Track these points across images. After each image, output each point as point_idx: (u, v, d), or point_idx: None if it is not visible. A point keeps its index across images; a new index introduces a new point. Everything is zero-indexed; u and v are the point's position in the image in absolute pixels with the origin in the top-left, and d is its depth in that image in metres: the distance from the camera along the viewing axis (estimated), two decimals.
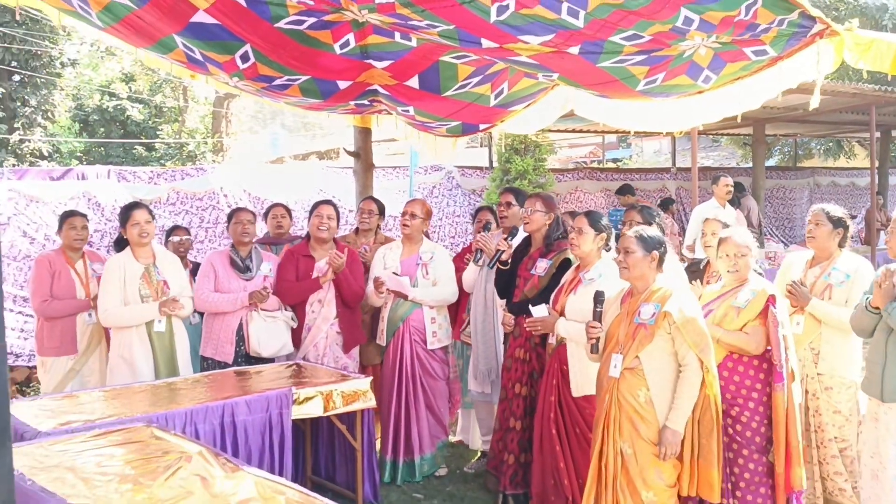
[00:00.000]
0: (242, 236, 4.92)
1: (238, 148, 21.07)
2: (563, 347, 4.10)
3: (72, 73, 19.24)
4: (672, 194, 12.23)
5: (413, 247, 5.10)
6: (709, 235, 4.42)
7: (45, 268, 4.95)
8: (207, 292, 4.74)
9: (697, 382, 3.32)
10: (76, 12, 4.35)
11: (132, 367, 4.45)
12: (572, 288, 4.10)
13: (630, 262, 3.48)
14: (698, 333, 3.33)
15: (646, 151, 28.78)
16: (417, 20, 3.85)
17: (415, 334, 4.94)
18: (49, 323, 4.95)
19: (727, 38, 3.77)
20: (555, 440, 4.09)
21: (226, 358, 4.69)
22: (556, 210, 4.65)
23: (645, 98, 4.79)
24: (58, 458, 2.59)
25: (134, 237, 4.58)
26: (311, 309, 4.87)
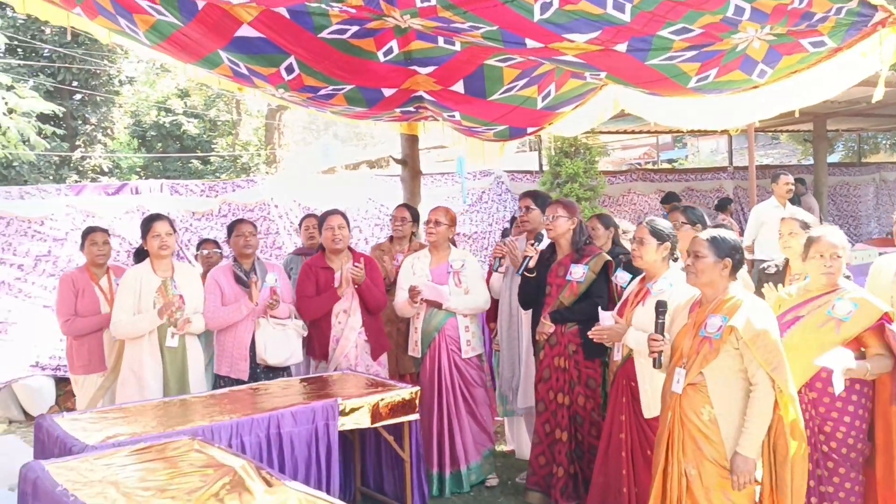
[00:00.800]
0: (245, 248, 4.81)
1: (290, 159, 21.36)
2: (630, 362, 3.88)
3: (130, 91, 19.80)
4: (729, 194, 11.92)
5: (441, 255, 5.02)
6: (786, 236, 4.12)
7: (69, 286, 4.94)
8: (214, 308, 4.65)
9: (769, 404, 3.01)
10: (125, 32, 4.42)
11: (140, 382, 4.40)
12: (640, 300, 3.88)
13: (699, 267, 3.17)
14: (770, 350, 3.00)
15: (702, 151, 28.24)
16: (460, 22, 3.80)
17: (451, 344, 4.87)
18: (77, 341, 4.95)
19: (782, 29, 3.61)
20: (622, 463, 3.87)
21: (241, 375, 4.60)
22: (578, 214, 4.55)
23: (697, 95, 4.65)
24: (102, 472, 2.59)
25: (154, 249, 4.54)
26: (338, 320, 4.81)
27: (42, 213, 7.65)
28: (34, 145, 12.20)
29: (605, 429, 4.03)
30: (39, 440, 3.38)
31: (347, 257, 4.92)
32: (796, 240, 4.02)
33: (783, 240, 4.16)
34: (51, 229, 7.68)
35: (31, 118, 12.75)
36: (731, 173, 12.71)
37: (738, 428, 3.04)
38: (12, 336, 7.14)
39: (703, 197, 11.65)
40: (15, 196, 7.83)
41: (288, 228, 8.49)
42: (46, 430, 3.33)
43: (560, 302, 4.39)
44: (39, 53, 16.96)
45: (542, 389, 4.48)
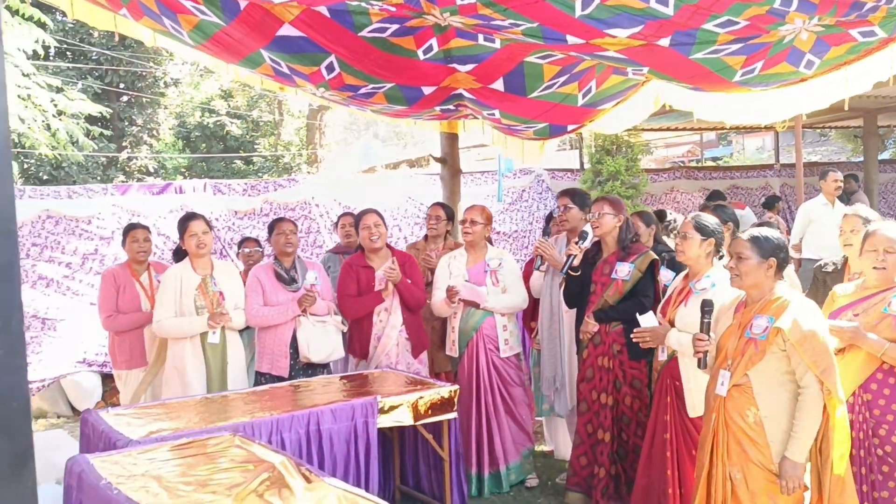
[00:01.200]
0: (286, 247, 4.85)
1: (331, 159, 21.52)
2: (674, 362, 3.80)
3: (174, 92, 20.15)
4: (776, 191, 11.67)
5: (478, 254, 4.98)
6: (847, 233, 3.98)
7: (111, 283, 5.02)
8: (258, 307, 4.68)
9: (819, 407, 2.92)
10: (169, 32, 4.49)
11: (183, 379, 4.46)
12: (682, 299, 3.79)
13: (743, 269, 3.07)
14: (818, 352, 2.90)
15: (748, 149, 27.73)
16: (500, 20, 3.77)
17: (489, 343, 4.83)
18: (118, 337, 5.03)
19: (830, 20, 3.52)
20: (667, 463, 3.80)
21: (281, 372, 4.63)
22: (624, 211, 4.46)
23: (742, 89, 4.55)
24: (145, 466, 2.63)
25: (191, 248, 4.59)
26: (379, 318, 4.81)
27: (89, 212, 7.82)
28: (82, 146, 12.47)
29: (649, 429, 3.97)
30: (85, 434, 3.45)
31: (387, 255, 4.93)
32: (858, 237, 3.84)
33: (844, 237, 4.02)
34: (97, 228, 7.85)
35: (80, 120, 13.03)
36: (778, 171, 12.45)
37: (785, 431, 2.96)
38: (60, 333, 7.30)
39: (749, 195, 11.43)
40: (63, 196, 8.02)
41: (328, 227, 8.55)
42: (92, 424, 3.40)
43: (605, 301, 4.32)
44: (87, 56, 17.34)
45: (584, 389, 4.42)
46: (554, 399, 4.95)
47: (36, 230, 7.71)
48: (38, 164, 15.55)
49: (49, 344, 7.10)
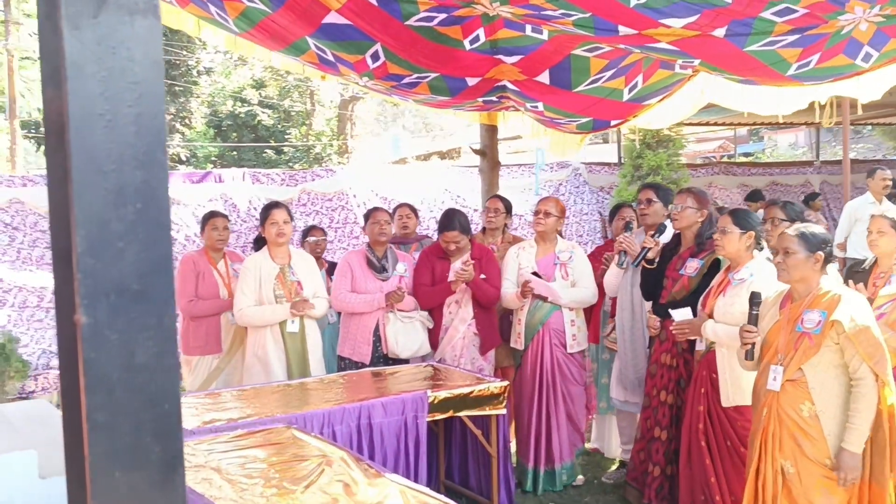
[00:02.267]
0: (380, 236, 4.88)
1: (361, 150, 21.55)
2: (712, 354, 3.81)
3: (207, 82, 20.27)
4: (816, 189, 11.47)
5: (548, 246, 4.89)
6: (874, 233, 3.97)
7: (190, 268, 5.05)
8: (345, 293, 4.73)
9: (874, 398, 2.95)
10: (214, 19, 4.48)
11: (266, 367, 4.49)
12: (721, 290, 3.80)
13: (791, 263, 3.11)
14: (872, 344, 2.94)
15: (780, 145, 27.37)
16: (552, 10, 3.71)
17: (554, 338, 4.74)
18: (194, 322, 5.04)
19: (892, 10, 3.41)
20: (704, 453, 3.81)
21: (363, 358, 4.67)
22: (709, 206, 4.35)
23: (795, 84, 4.46)
24: (204, 457, 2.61)
25: (272, 237, 4.61)
26: (449, 310, 4.78)
27: None
28: None
29: (686, 421, 3.97)
30: None
31: (467, 248, 4.88)
32: (885, 238, 3.91)
33: (871, 237, 4.02)
34: None
35: None
36: (818, 167, 12.23)
37: (840, 424, 2.98)
38: None
39: (787, 192, 11.23)
40: None
41: None
42: None
43: (672, 296, 4.23)
44: None
45: (648, 385, 4.36)
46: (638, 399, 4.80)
47: None
48: None
49: None
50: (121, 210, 0.62)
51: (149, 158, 0.63)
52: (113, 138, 0.62)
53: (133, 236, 0.62)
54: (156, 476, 0.62)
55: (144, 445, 0.62)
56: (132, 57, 0.62)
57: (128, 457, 0.61)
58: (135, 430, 0.61)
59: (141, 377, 0.62)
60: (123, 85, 0.62)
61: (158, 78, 0.62)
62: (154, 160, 0.62)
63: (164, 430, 0.62)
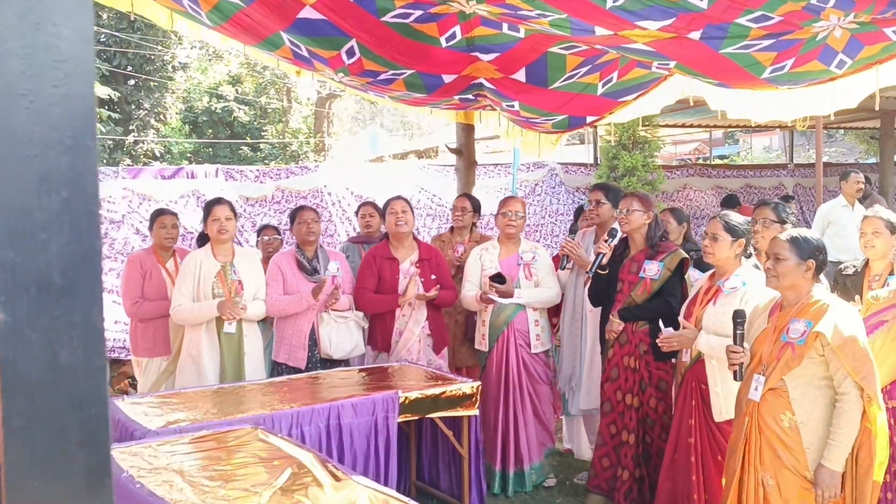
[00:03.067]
0: (307, 236, 4.76)
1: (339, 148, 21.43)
2: (700, 364, 3.71)
3: (182, 77, 20.02)
4: (789, 191, 11.58)
5: (512, 247, 4.87)
6: (869, 234, 3.88)
7: (137, 268, 4.92)
8: (276, 296, 4.61)
9: (858, 415, 2.83)
10: (186, 12, 4.41)
11: (198, 367, 4.37)
12: (710, 298, 3.69)
13: (781, 270, 2.99)
14: (859, 358, 2.82)
15: (755, 148, 27.64)
16: (527, 10, 3.68)
17: (519, 338, 4.73)
18: (142, 324, 4.93)
19: (867, 17, 3.43)
20: (692, 468, 3.71)
21: (298, 363, 4.56)
22: (654, 208, 4.37)
23: (769, 87, 4.47)
24: (166, 459, 2.55)
25: (213, 233, 4.49)
26: (402, 313, 4.71)
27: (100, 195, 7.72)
28: None
29: (673, 432, 3.89)
30: None
31: (412, 247, 4.83)
32: (880, 239, 3.81)
33: (866, 238, 3.92)
34: (108, 212, 7.75)
35: None
36: (792, 170, 12.35)
37: (821, 437, 2.88)
38: None
39: (762, 194, 11.31)
40: None
41: (341, 216, 8.47)
42: None
43: (632, 299, 4.22)
44: (96, 38, 17.21)
45: (608, 389, 4.33)
46: (571, 399, 4.89)
47: None
48: None
49: None
50: (44, 199, 0.57)
51: (76, 143, 0.58)
52: (36, 120, 0.57)
53: (57, 227, 0.57)
54: (80, 486, 0.58)
55: (68, 453, 0.57)
56: (58, 33, 0.57)
57: (49, 465, 0.56)
58: (57, 436, 0.57)
59: (65, 379, 0.57)
60: (48, 63, 0.57)
61: (88, 56, 0.57)
62: (82, 145, 0.58)
63: (89, 437, 0.58)
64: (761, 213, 4.26)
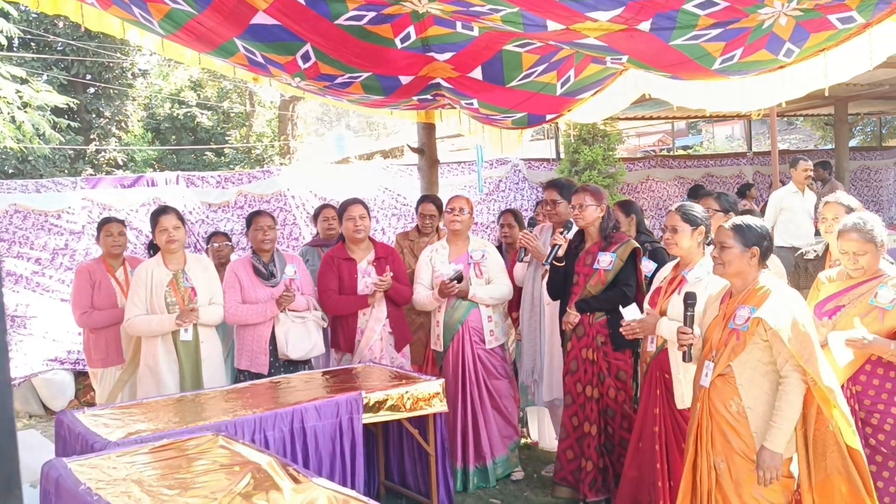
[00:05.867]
0: (263, 243, 4.73)
1: (304, 150, 21.31)
2: (664, 354, 3.75)
3: (143, 84, 19.77)
4: (749, 179, 11.76)
5: (461, 245, 4.91)
6: (830, 220, 3.94)
7: (86, 278, 4.88)
8: (236, 305, 4.58)
9: (799, 398, 2.90)
10: (139, 21, 4.36)
11: (157, 378, 4.35)
12: (675, 289, 3.73)
13: (726, 257, 3.05)
14: (800, 341, 2.86)
15: (717, 137, 28.00)
16: (479, 5, 3.70)
17: (474, 335, 4.77)
18: (94, 334, 4.91)
19: (809, 4, 3.49)
20: (657, 457, 3.76)
21: (261, 369, 4.55)
22: (605, 201, 4.43)
23: (721, 77, 4.53)
24: (125, 470, 2.54)
25: (162, 243, 4.47)
26: (363, 312, 4.73)
27: (59, 206, 7.64)
28: (49, 139, 12.20)
29: (638, 422, 3.94)
30: (61, 436, 3.34)
31: (369, 247, 4.85)
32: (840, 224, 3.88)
33: (826, 224, 3.98)
34: (67, 222, 7.67)
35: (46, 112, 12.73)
36: (751, 159, 12.55)
37: (767, 420, 2.94)
38: (31, 330, 7.14)
39: (723, 183, 11.50)
40: (31, 189, 7.81)
41: (305, 219, 8.45)
42: (67, 426, 3.29)
43: (587, 291, 4.28)
44: (53, 47, 16.94)
45: (569, 382, 4.37)
46: (534, 390, 4.93)
47: (3, 225, 7.52)
48: (3, 157, 15.19)
49: (19, 342, 6.94)
50: None
51: None
52: None
53: None
54: None
55: None
56: None
57: None
58: None
59: None
60: None
61: None
62: None
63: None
64: (705, 204, 4.35)
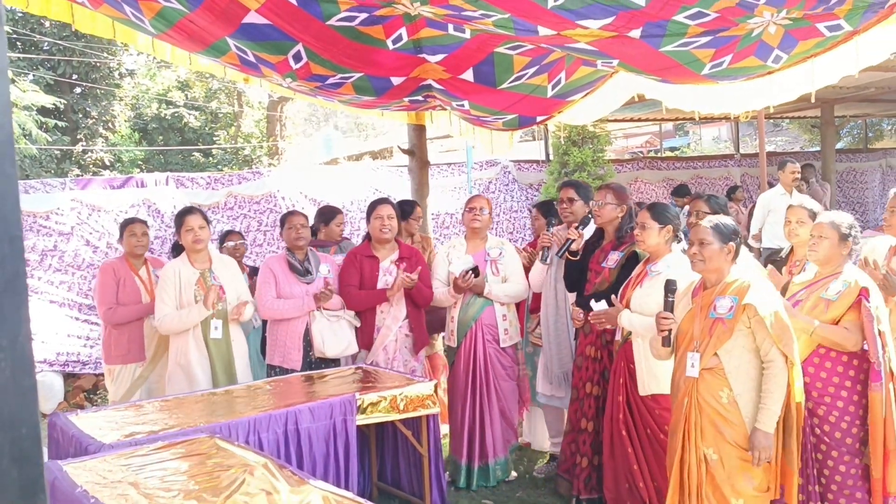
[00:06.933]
0: (297, 241, 4.81)
1: (292, 151, 21.26)
2: (629, 344, 3.91)
3: (130, 84, 19.67)
4: (737, 181, 11.84)
5: (479, 243, 4.92)
6: (794, 223, 4.12)
7: (111, 275, 4.93)
8: (271, 300, 4.63)
9: (784, 379, 3.07)
10: (129, 20, 4.35)
11: (189, 375, 4.38)
12: (639, 281, 3.90)
13: (706, 254, 3.23)
14: (781, 327, 3.07)
15: (704, 139, 28.16)
16: (471, 10, 3.72)
17: (487, 333, 4.77)
18: (116, 330, 4.92)
19: (798, 13, 3.54)
20: (626, 442, 3.90)
21: (294, 365, 4.59)
22: (628, 201, 4.44)
23: (710, 82, 4.58)
24: (121, 472, 2.53)
25: (188, 243, 4.52)
26: (381, 309, 4.74)
27: (47, 207, 7.59)
28: (36, 139, 12.15)
29: (607, 412, 4.05)
30: (54, 439, 3.33)
31: (393, 247, 4.87)
32: (804, 228, 4.02)
33: (790, 227, 4.16)
34: (56, 224, 7.62)
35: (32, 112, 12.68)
36: (738, 161, 12.63)
37: (756, 407, 3.10)
38: None
39: (711, 185, 11.58)
40: (20, 191, 7.74)
41: None
42: (61, 428, 3.28)
43: (596, 289, 4.30)
44: (39, 47, 16.84)
45: (575, 378, 4.42)
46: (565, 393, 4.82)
47: None
48: None
49: None
50: None
51: None
52: None
53: None
54: (15, 502, 0.60)
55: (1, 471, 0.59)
56: None
57: None
58: None
59: None
60: None
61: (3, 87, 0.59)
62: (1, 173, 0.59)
63: (22, 455, 0.59)
64: (695, 206, 4.46)
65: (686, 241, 3.99)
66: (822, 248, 3.49)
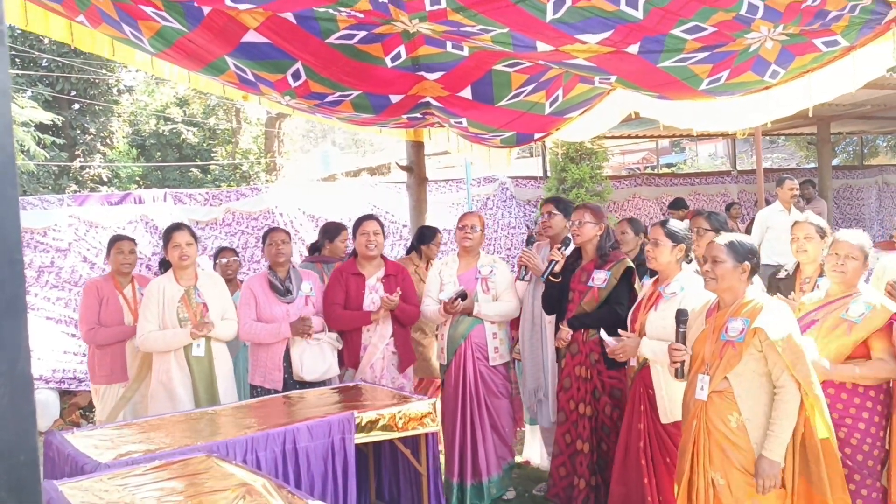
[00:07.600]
0: (278, 257, 4.74)
1: (290, 167, 21.28)
2: (646, 370, 3.80)
3: (128, 100, 19.71)
4: (734, 198, 11.86)
5: (471, 260, 4.90)
6: (801, 239, 4.03)
7: (93, 294, 4.90)
8: (250, 322, 4.57)
9: (795, 406, 2.95)
10: (128, 40, 4.36)
11: (171, 394, 4.34)
12: (652, 304, 3.80)
13: (719, 272, 3.13)
14: (794, 352, 2.95)
15: (700, 155, 28.25)
16: (470, 26, 3.74)
17: (477, 351, 4.74)
18: (100, 350, 4.90)
19: (795, 29, 3.56)
20: (643, 471, 3.78)
21: (275, 385, 4.53)
22: (605, 220, 4.47)
23: (708, 98, 4.59)
24: (117, 493, 2.50)
25: (174, 259, 4.49)
26: (367, 328, 4.70)
27: (44, 223, 7.57)
28: (34, 155, 12.15)
29: (622, 438, 3.95)
30: (49, 458, 3.30)
31: (379, 265, 4.83)
32: (812, 244, 3.98)
33: (798, 243, 4.07)
34: (53, 240, 7.60)
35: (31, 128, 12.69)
36: (735, 177, 12.66)
37: (765, 431, 2.98)
38: None
39: (708, 201, 11.60)
40: None
41: (294, 237, 8.43)
42: (56, 447, 3.25)
43: (581, 308, 4.29)
44: (38, 63, 16.90)
45: (562, 399, 4.38)
46: (537, 410, 4.88)
47: None
48: None
49: None
50: None
51: None
52: None
53: None
54: None
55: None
56: None
57: None
58: None
59: None
60: None
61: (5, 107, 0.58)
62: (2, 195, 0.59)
63: (19, 484, 0.58)
64: (696, 223, 4.42)
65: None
66: (850, 269, 3.37)
